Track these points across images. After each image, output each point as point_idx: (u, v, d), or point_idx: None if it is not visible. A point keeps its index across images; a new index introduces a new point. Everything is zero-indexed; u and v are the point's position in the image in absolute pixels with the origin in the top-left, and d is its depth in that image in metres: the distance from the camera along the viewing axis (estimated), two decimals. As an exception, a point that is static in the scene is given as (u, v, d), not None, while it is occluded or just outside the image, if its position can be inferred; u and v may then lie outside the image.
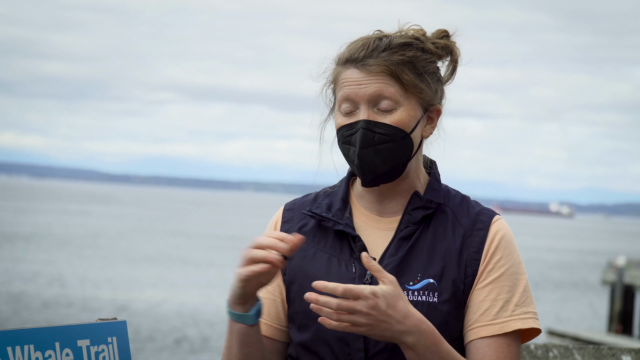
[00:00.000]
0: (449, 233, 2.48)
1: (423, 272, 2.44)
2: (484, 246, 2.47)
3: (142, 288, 36.54)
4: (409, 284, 2.43)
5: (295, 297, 2.50)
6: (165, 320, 28.70)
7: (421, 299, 2.42)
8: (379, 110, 2.45)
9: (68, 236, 62.00)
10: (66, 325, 2.39)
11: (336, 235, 2.50)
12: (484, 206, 2.56)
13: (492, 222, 2.50)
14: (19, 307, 29.32)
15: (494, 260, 2.47)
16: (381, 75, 2.45)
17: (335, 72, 2.52)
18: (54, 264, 42.84)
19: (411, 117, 2.47)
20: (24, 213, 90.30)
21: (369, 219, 2.53)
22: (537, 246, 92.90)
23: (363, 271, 2.44)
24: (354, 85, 2.46)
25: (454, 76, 2.58)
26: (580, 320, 38.22)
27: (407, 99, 2.46)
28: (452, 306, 2.43)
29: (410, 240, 2.47)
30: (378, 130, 2.44)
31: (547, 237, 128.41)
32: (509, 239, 2.49)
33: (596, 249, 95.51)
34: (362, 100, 2.45)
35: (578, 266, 67.10)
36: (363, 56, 2.47)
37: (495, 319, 2.43)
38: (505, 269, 2.46)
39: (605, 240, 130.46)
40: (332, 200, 2.57)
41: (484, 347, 2.41)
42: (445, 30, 2.57)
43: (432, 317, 2.40)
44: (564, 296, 47.58)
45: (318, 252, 2.50)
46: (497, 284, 2.45)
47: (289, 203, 2.64)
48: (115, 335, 2.49)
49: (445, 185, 2.58)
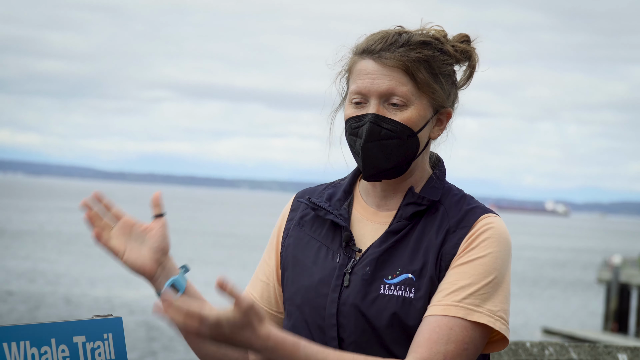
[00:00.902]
0: (435, 230, 2.45)
1: (403, 267, 2.42)
2: (462, 240, 2.41)
3: (137, 286, 36.53)
4: (388, 277, 2.41)
5: (286, 284, 2.52)
6: (161, 317, 28.70)
7: (397, 294, 2.39)
8: (390, 105, 2.44)
9: (65, 234, 61.98)
10: (62, 322, 2.39)
11: (331, 225, 2.51)
12: (480, 205, 2.50)
13: (479, 219, 2.44)
14: (15, 304, 29.31)
15: (468, 248, 2.40)
16: (396, 71, 2.44)
17: (351, 61, 2.51)
18: (50, 262, 42.82)
19: (420, 117, 2.45)
20: (20, 211, 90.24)
21: (367, 212, 2.53)
22: (533, 245, 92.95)
23: (346, 261, 2.44)
24: (368, 78, 2.45)
25: (470, 82, 2.56)
26: (576, 318, 38.29)
27: (419, 98, 2.45)
28: (427, 303, 2.39)
29: (398, 235, 2.45)
30: (385, 126, 2.43)
31: (542, 235, 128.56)
32: (492, 235, 2.41)
33: (592, 248, 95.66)
34: (374, 94, 2.45)
35: (574, 265, 67.18)
36: (380, 49, 2.46)
37: (442, 301, 2.35)
38: (474, 258, 2.39)
39: (601, 238, 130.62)
40: (336, 191, 2.57)
41: (422, 325, 2.34)
42: (466, 35, 2.56)
43: (406, 312, 2.38)
44: (559, 295, 47.66)
45: (311, 241, 2.52)
46: (459, 270, 2.38)
47: (300, 192, 2.65)
48: (111, 331, 2.49)
49: (449, 183, 2.55)
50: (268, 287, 2.58)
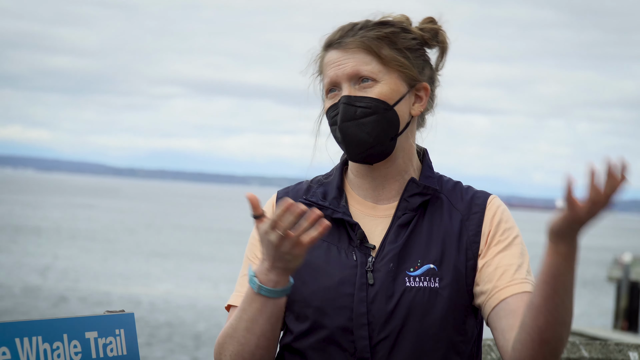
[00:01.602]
0: (446, 218, 2.47)
1: (423, 258, 2.43)
2: (481, 227, 2.46)
3: (150, 282, 36.57)
4: (410, 270, 2.42)
5: (295, 286, 2.47)
6: (173, 313, 28.72)
7: (423, 285, 2.40)
8: (360, 87, 2.45)
9: (76, 230, 62.06)
10: (74, 317, 2.40)
11: (333, 223, 2.49)
12: (476, 189, 2.55)
13: (488, 203, 2.50)
14: (27, 300, 29.38)
15: (498, 232, 2.46)
16: (358, 52, 2.45)
17: (320, 59, 2.54)
18: (62, 258, 42.89)
19: (393, 91, 2.45)
20: (32, 206, 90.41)
21: (365, 206, 2.52)
22: (543, 242, 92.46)
23: (364, 259, 2.44)
24: (334, 66, 2.47)
25: (444, 61, 2.57)
26: (586, 316, 38.17)
27: (388, 74, 2.45)
28: (454, 291, 2.41)
29: (409, 227, 2.46)
30: (359, 104, 2.43)
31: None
32: (507, 213, 2.49)
33: (602, 246, 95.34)
34: (342, 79, 2.46)
35: (584, 263, 66.98)
36: (340, 36, 2.49)
37: (513, 280, 2.40)
38: (513, 238, 2.46)
39: (612, 237, 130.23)
40: (326, 189, 2.55)
41: (513, 304, 2.37)
42: (431, 17, 2.57)
43: (433, 302, 2.39)
44: (569, 292, 47.38)
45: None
46: (507, 252, 2.44)
47: (281, 191, 2.62)
48: (122, 327, 2.50)
49: (437, 172, 2.57)
50: None
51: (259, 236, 2.31)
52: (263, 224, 2.28)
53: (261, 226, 2.28)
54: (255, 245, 2.56)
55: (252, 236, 2.57)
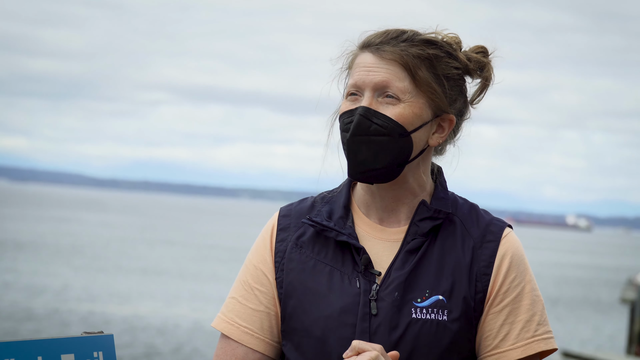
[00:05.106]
0: (458, 245, 2.46)
1: (432, 288, 2.41)
2: (494, 261, 2.45)
3: (131, 300, 36.52)
4: (417, 300, 2.41)
5: (293, 313, 2.46)
6: (156, 334, 28.68)
7: (430, 317, 2.40)
8: (384, 100, 2.43)
9: (52, 245, 61.99)
10: (50, 339, 2.39)
11: (337, 246, 2.47)
12: (494, 216, 2.53)
13: (503, 236, 2.48)
14: (0, 319, 29.32)
15: (508, 280, 2.45)
16: (394, 64, 2.43)
17: (352, 57, 2.51)
18: (38, 274, 42.82)
19: (415, 116, 2.43)
20: (4, 219, 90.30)
21: (372, 228, 2.50)
22: (553, 261, 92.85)
23: (368, 286, 2.42)
24: (364, 70, 2.44)
25: (483, 96, 2.55)
26: (597, 340, 38.16)
27: (416, 97, 2.43)
28: (463, 325, 2.41)
29: (418, 254, 2.44)
30: (376, 121, 2.41)
31: (563, 251, 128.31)
32: (521, 254, 2.48)
33: (615, 265, 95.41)
34: (368, 86, 2.43)
35: (596, 283, 67.05)
36: (380, 42, 2.46)
37: (516, 343, 2.42)
38: (522, 288, 2.45)
39: (626, 255, 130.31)
40: (332, 207, 2.52)
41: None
42: (483, 46, 2.54)
43: (441, 336, 2.39)
44: (580, 315, 47.52)
45: (318, 264, 2.46)
46: (515, 305, 2.44)
47: (284, 208, 2.58)
48: (101, 349, 2.48)
49: (452, 192, 2.56)
50: (269, 316, 2.50)
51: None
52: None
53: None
54: (250, 270, 2.53)
55: (248, 259, 2.54)
